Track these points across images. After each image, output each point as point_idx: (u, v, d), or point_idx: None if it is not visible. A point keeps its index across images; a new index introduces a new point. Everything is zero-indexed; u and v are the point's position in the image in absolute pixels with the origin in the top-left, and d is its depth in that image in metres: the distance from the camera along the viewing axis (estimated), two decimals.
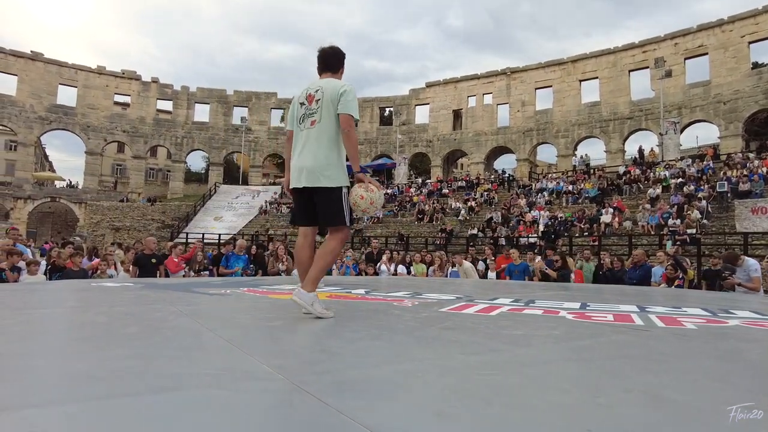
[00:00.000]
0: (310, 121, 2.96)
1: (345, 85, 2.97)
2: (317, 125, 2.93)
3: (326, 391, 1.38)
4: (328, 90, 2.95)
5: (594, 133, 35.43)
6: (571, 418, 1.24)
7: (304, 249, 3.14)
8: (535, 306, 3.74)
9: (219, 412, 1.21)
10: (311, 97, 2.99)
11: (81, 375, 1.53)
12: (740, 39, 30.10)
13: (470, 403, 1.34)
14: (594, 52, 36.15)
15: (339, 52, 3.16)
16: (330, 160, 2.91)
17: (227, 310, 3.48)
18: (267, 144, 44.26)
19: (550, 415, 1.26)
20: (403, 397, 1.41)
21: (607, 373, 1.78)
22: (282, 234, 26.33)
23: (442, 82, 42.30)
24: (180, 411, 1.22)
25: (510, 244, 18.10)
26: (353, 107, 2.91)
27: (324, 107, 2.92)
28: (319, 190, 2.90)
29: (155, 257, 8.38)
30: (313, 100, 2.97)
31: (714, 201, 19.65)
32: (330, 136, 2.92)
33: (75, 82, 40.29)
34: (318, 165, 2.89)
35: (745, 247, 13.12)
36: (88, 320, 2.82)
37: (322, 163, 2.89)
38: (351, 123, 2.89)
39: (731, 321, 3.09)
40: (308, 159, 2.91)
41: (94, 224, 33.27)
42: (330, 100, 2.91)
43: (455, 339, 2.38)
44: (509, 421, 1.21)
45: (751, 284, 6.74)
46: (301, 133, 3.00)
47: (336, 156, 2.94)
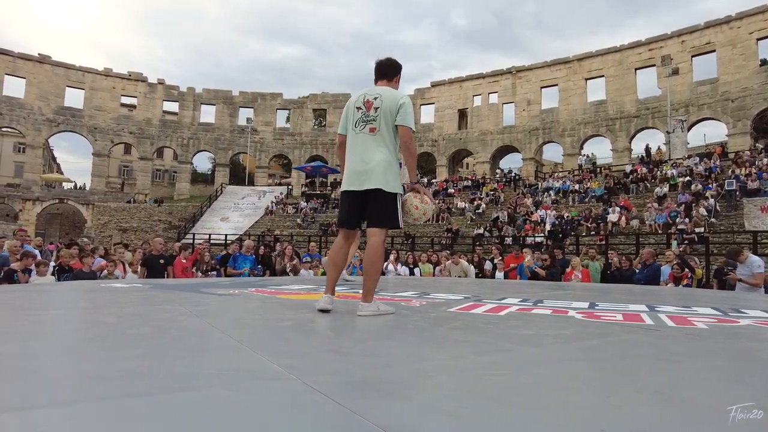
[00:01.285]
0: (369, 127, 3.09)
1: (403, 96, 3.13)
2: (377, 133, 3.07)
3: (338, 391, 1.38)
4: (387, 99, 3.09)
5: (600, 132, 35.24)
6: (584, 418, 1.23)
7: (342, 251, 3.26)
8: (543, 306, 3.73)
9: (230, 412, 1.21)
10: (369, 104, 3.11)
11: (89, 375, 1.53)
12: (748, 36, 29.82)
13: (482, 403, 1.34)
14: (600, 51, 35.94)
15: (395, 62, 3.33)
16: (390, 167, 3.05)
17: (236, 311, 3.49)
18: (273, 144, 44.35)
19: (562, 415, 1.26)
20: (415, 396, 1.41)
21: (618, 372, 1.77)
22: (288, 234, 26.40)
23: (447, 81, 42.22)
24: (189, 411, 1.22)
25: (516, 243, 18.04)
26: (411, 120, 3.09)
27: (382, 115, 3.06)
28: (377, 193, 3.03)
29: (163, 258, 8.42)
30: (371, 107, 3.10)
31: (722, 199, 19.50)
32: (389, 145, 3.07)
33: (82, 85, 40.55)
34: (379, 170, 3.02)
35: (754, 246, 13.01)
36: (97, 321, 2.83)
37: (383, 168, 3.02)
38: (411, 135, 3.08)
39: (743, 320, 3.07)
40: (370, 164, 3.04)
41: (102, 225, 33.48)
42: (389, 110, 3.06)
43: (465, 339, 2.38)
44: (521, 420, 1.20)
45: (752, 280, 6.72)
46: (358, 136, 3.12)
47: (395, 164, 3.09)
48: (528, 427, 1.17)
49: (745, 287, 6.80)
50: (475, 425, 1.16)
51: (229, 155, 44.66)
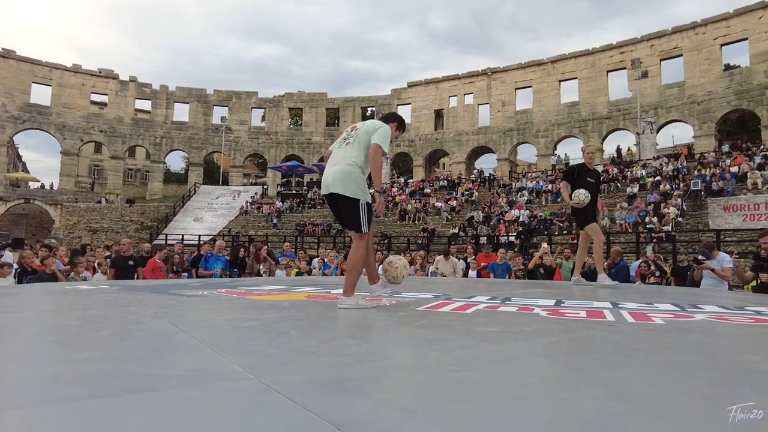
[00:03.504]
0: (347, 143, 3.57)
1: (384, 124, 3.58)
2: (350, 146, 3.52)
3: (296, 390, 1.40)
4: (368, 123, 3.61)
5: (573, 133, 35.91)
6: (533, 412, 1.28)
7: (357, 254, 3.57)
8: (510, 303, 3.80)
9: (189, 412, 1.21)
10: (355, 128, 3.64)
11: (50, 378, 1.52)
12: (713, 41, 30.83)
13: (437, 399, 1.37)
14: (573, 53, 36.63)
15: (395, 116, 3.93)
16: (350, 175, 3.40)
17: (203, 312, 3.46)
18: (247, 144, 43.86)
19: (513, 409, 1.30)
20: (372, 394, 1.43)
21: (573, 368, 1.83)
22: (263, 235, 26.18)
23: (423, 82, 42.43)
24: (150, 412, 1.22)
25: (491, 242, 18.27)
26: (384, 140, 3.44)
27: (360, 134, 3.53)
28: (339, 199, 3.41)
29: (133, 259, 8.26)
30: (355, 130, 3.63)
31: (689, 199, 20.12)
32: (356, 158, 3.45)
33: (49, 81, 39.36)
34: (339, 177, 3.39)
35: (717, 244, 13.45)
36: (60, 323, 2.78)
37: (342, 175, 3.39)
38: (378, 151, 3.41)
39: (698, 315, 3.18)
40: (335, 171, 3.43)
41: (71, 226, 32.62)
42: (365, 131, 3.52)
43: (429, 337, 2.41)
44: (473, 415, 1.24)
45: (722, 273, 7.03)
46: (337, 150, 3.60)
47: (357, 174, 3.42)
48: (478, 420, 1.20)
49: (712, 281, 7.10)
50: (426, 420, 1.19)
51: (203, 154, 43.99)
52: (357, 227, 3.43)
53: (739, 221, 17.14)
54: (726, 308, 3.64)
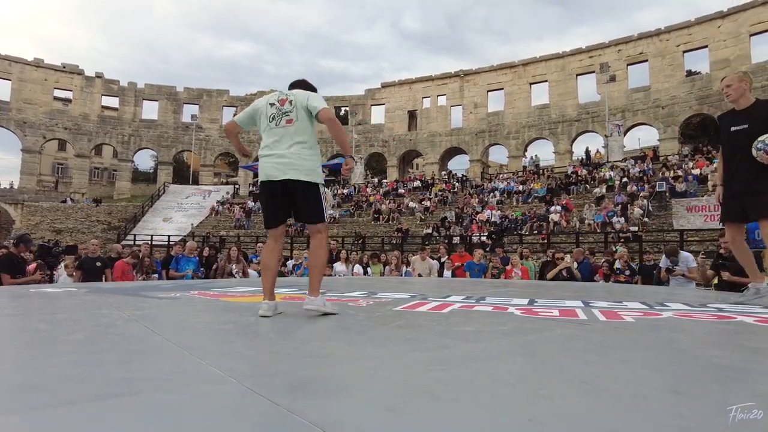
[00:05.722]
0: (285, 119, 3.12)
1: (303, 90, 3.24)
2: (295, 123, 3.11)
3: (277, 392, 1.39)
4: (299, 97, 3.16)
5: (543, 135, 36.63)
6: (514, 409, 1.31)
7: (275, 253, 3.26)
8: (485, 303, 3.85)
9: (170, 416, 1.20)
10: (283, 101, 3.17)
11: (17, 385, 1.46)
12: (676, 48, 31.95)
13: (419, 398, 1.38)
14: (544, 56, 37.36)
15: (310, 85, 3.41)
16: (312, 158, 3.11)
17: (177, 314, 3.39)
18: (218, 142, 43.12)
19: (494, 407, 1.32)
20: (355, 394, 1.44)
21: (550, 366, 1.87)
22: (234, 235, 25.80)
23: (397, 82, 42.60)
24: (129, 417, 1.20)
25: (463, 242, 18.46)
26: (322, 101, 3.16)
27: (298, 109, 3.11)
28: (301, 187, 3.05)
29: (100, 260, 8.03)
30: (285, 102, 3.16)
31: (654, 200, 20.77)
32: (306, 136, 3.11)
33: (9, 75, 37.91)
34: (302, 161, 3.05)
35: (681, 243, 13.94)
36: (27, 328, 2.69)
37: (305, 158, 3.06)
38: (330, 112, 3.11)
39: (665, 313, 3.30)
40: (291, 155, 3.05)
41: (33, 226, 31.42)
42: (301, 104, 3.12)
43: (408, 337, 2.43)
44: (455, 413, 1.26)
45: (691, 274, 7.31)
46: (276, 129, 3.14)
47: (316, 154, 3.15)
48: (461, 419, 1.22)
49: (681, 281, 7.38)
50: (409, 419, 1.20)
51: (173, 153, 43.09)
52: (320, 216, 3.13)
53: (701, 221, 17.78)
54: (690, 306, 3.78)
